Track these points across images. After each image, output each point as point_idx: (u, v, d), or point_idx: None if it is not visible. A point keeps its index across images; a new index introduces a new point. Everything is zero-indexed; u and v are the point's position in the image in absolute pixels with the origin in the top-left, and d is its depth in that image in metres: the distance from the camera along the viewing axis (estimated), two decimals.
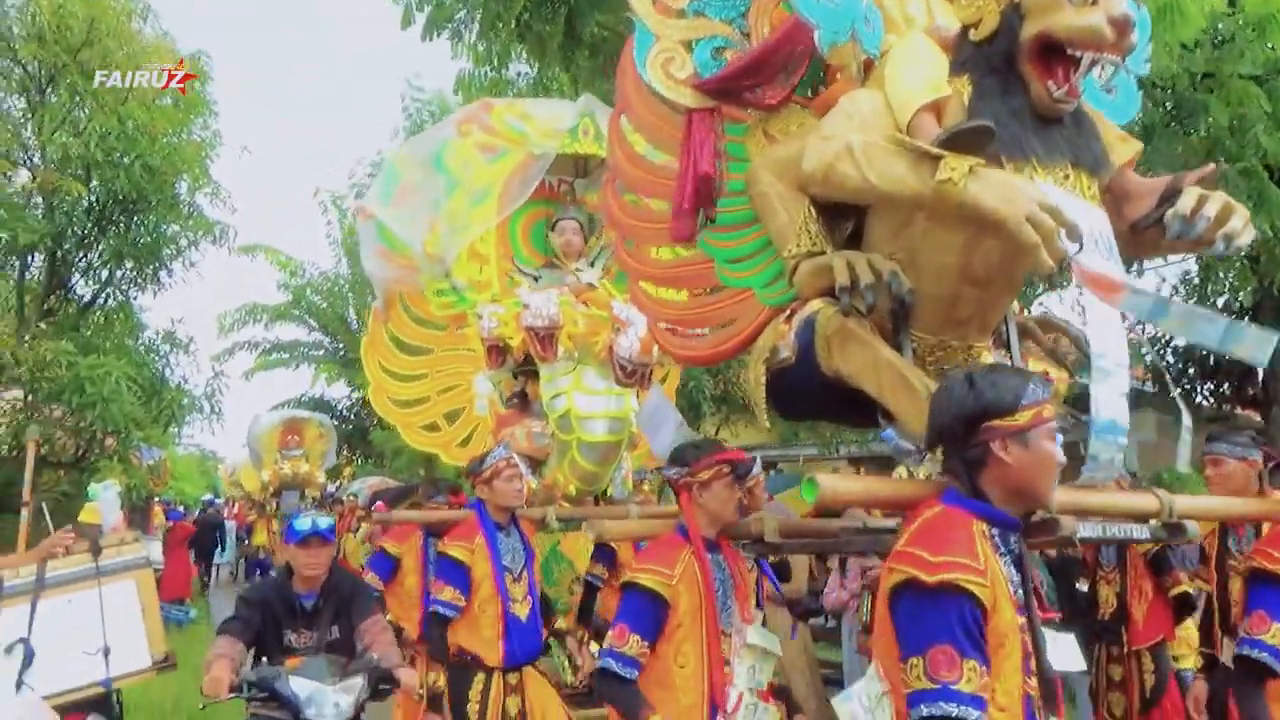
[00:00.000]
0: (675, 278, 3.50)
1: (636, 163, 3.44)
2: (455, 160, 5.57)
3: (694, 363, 3.78)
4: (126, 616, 4.22)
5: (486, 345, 5.64)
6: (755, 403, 3.10)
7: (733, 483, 3.35)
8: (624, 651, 3.15)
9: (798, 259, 2.82)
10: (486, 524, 4.63)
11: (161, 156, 12.83)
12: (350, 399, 22.13)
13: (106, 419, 11.89)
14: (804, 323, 2.82)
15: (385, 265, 6.09)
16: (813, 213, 2.84)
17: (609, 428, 5.40)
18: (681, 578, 3.19)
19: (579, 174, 6.36)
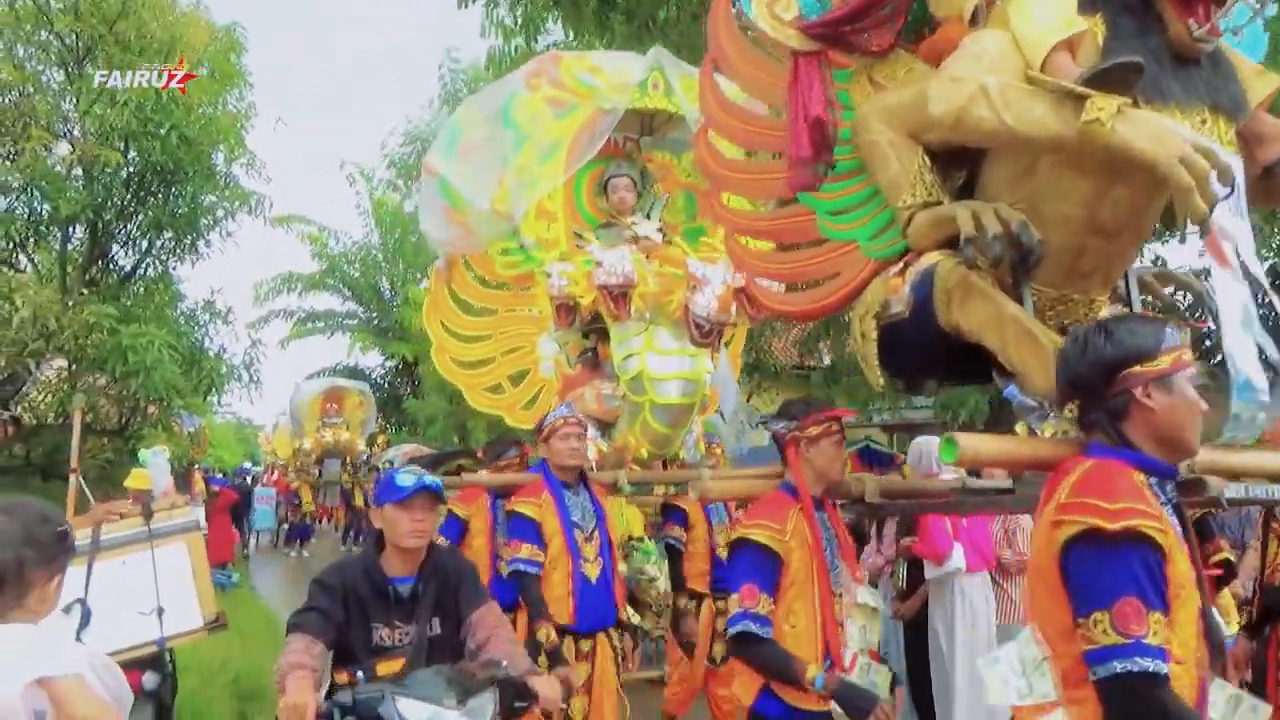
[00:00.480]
0: (773, 231, 3.34)
1: (731, 112, 3.31)
2: (524, 114, 5.34)
3: (793, 318, 3.66)
4: (178, 578, 4.22)
5: (555, 304, 5.43)
6: (864, 358, 2.95)
7: (840, 441, 3.21)
8: (758, 611, 3.01)
9: (913, 209, 2.70)
10: (552, 482, 4.50)
11: (198, 127, 12.77)
12: (384, 368, 22.18)
13: (149, 387, 11.84)
14: (921, 275, 2.66)
15: (448, 223, 5.83)
16: (927, 162, 2.72)
17: (682, 389, 5.19)
18: (793, 534, 3.08)
19: (644, 131, 6.14)
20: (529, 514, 4.44)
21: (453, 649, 3.07)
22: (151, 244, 14.01)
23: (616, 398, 5.37)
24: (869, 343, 2.87)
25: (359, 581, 3.04)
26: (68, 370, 12.88)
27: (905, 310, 2.72)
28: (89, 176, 12.86)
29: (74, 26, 12.38)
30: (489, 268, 6.15)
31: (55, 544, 2.34)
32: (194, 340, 13.77)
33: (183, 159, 12.79)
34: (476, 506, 5.60)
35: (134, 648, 3.96)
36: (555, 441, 4.50)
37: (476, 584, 3.22)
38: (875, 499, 3.22)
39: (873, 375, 2.93)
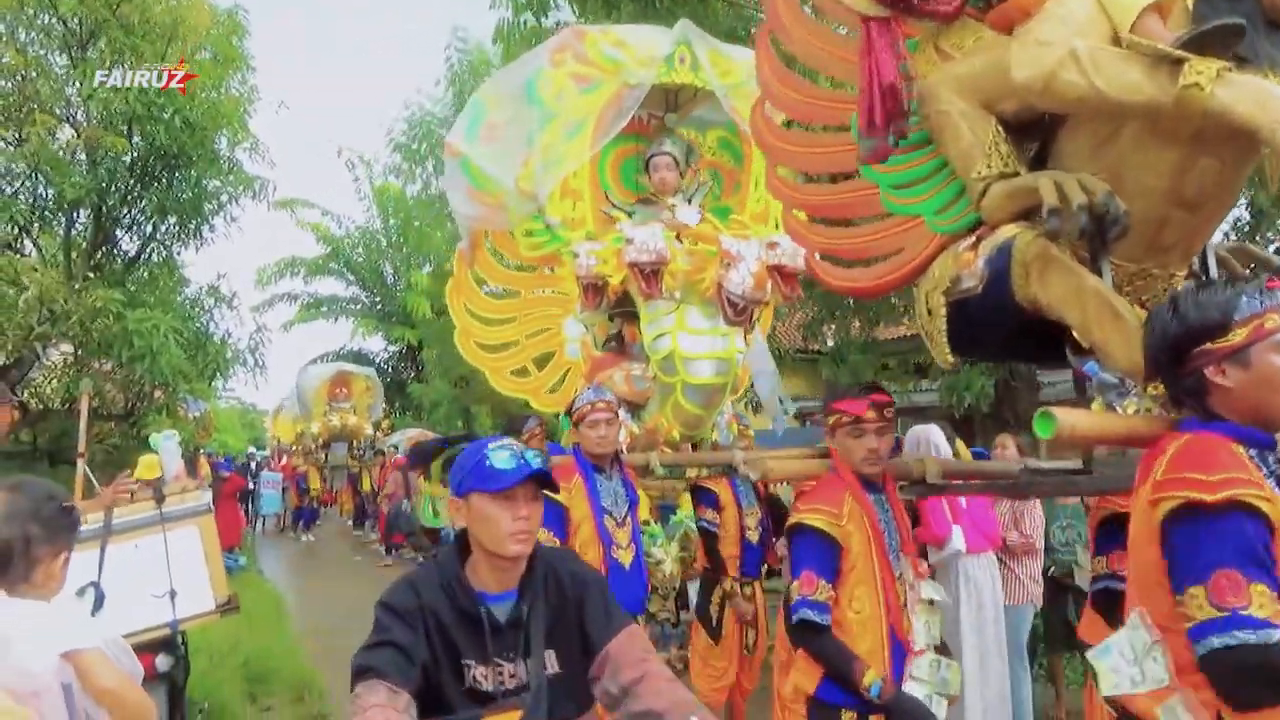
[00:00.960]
0: (833, 205, 3.23)
1: (789, 84, 3.19)
2: (549, 91, 5.17)
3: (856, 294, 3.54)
4: (190, 561, 4.23)
5: (583, 284, 5.24)
6: (930, 336, 2.82)
7: (856, 433, 3.09)
8: (816, 598, 2.95)
9: (988, 181, 2.60)
10: (583, 465, 4.35)
11: (201, 111, 12.51)
12: (387, 352, 22.02)
13: (155, 372, 11.58)
14: (997, 249, 2.56)
15: (472, 204, 5.63)
16: (1001, 132, 2.62)
17: (715, 369, 5.02)
18: (849, 517, 3.01)
19: (669, 108, 5.94)
20: (556, 498, 4.18)
21: (581, 694, 2.18)
22: (156, 229, 13.70)
23: (646, 379, 5.20)
24: (937, 319, 2.76)
25: (440, 603, 2.14)
26: (74, 355, 12.71)
27: (978, 285, 2.61)
28: (93, 161, 12.61)
29: (77, 10, 12.15)
30: (513, 249, 5.97)
31: (61, 519, 2.36)
32: (199, 325, 13.59)
33: (186, 143, 12.52)
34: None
35: (147, 630, 3.94)
36: (583, 429, 4.37)
37: (606, 598, 2.26)
38: (937, 480, 3.14)
39: (940, 353, 2.81)
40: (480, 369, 6.42)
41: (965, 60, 2.78)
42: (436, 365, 18.77)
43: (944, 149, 2.76)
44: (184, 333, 12.31)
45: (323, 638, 9.36)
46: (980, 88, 2.65)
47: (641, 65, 5.17)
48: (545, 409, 6.30)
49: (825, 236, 3.33)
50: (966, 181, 2.69)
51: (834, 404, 3.16)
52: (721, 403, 5.23)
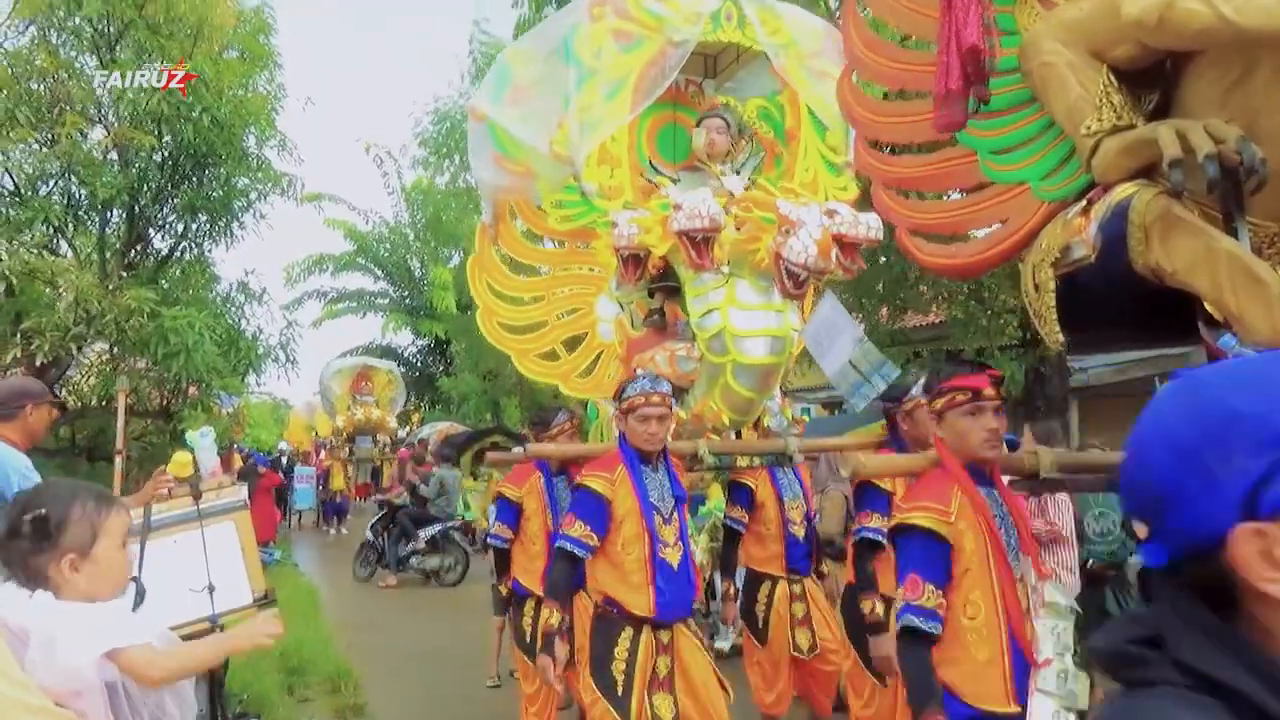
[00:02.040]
0: (927, 177, 2.91)
1: (878, 50, 2.91)
2: (586, 48, 4.64)
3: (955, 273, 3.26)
4: (228, 556, 4.19)
5: (622, 256, 4.68)
6: (1039, 315, 2.50)
7: (972, 411, 2.75)
8: (922, 604, 2.62)
9: (1100, 136, 2.30)
10: (629, 456, 3.87)
11: (229, 109, 12.42)
12: (415, 346, 22.00)
13: (190, 369, 11.56)
14: (1112, 211, 2.23)
15: (498, 172, 5.10)
16: (1114, 81, 2.32)
17: (769, 347, 4.44)
18: (960, 514, 2.67)
19: (708, 74, 5.43)
20: (598, 489, 3.83)
21: None
22: (187, 227, 13.60)
23: (692, 359, 4.65)
24: (1045, 294, 2.45)
25: None
26: (109, 353, 12.74)
27: (1091, 254, 2.31)
28: (124, 161, 12.58)
29: (103, 10, 12.15)
30: (541, 222, 5.45)
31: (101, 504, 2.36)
32: (231, 322, 13.60)
33: (215, 141, 12.44)
34: (529, 486, 5.03)
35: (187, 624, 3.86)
36: (634, 422, 3.86)
37: None
38: (1052, 475, 2.79)
39: (1051, 333, 2.48)
40: (505, 352, 5.97)
41: (1070, 4, 2.48)
42: (465, 358, 18.71)
43: (1049, 105, 2.47)
44: (217, 329, 12.32)
45: (354, 631, 9.36)
46: (1088, 33, 2.37)
47: (686, 21, 4.67)
48: (575, 395, 5.77)
49: (918, 211, 3.02)
50: (1075, 139, 2.40)
51: (945, 383, 2.80)
52: (776, 384, 4.71)
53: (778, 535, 4.83)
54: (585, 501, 3.88)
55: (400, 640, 9.06)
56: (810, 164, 5.14)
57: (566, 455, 4.73)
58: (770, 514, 4.84)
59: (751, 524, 4.84)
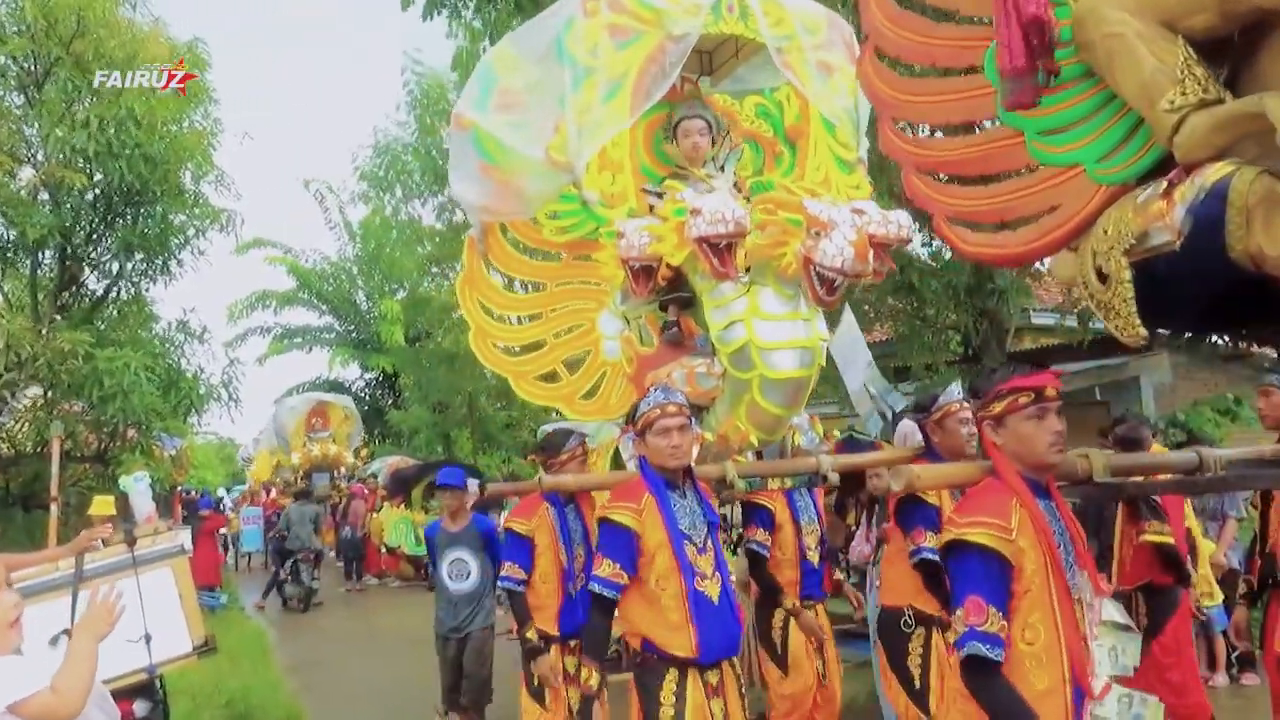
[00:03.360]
0: (968, 160, 2.65)
1: (902, 23, 2.66)
2: (581, 46, 4.21)
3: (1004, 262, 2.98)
4: (165, 604, 4.13)
5: (632, 268, 4.23)
6: (1108, 308, 2.26)
7: (1041, 413, 2.49)
8: (988, 629, 2.33)
9: (1184, 111, 2.10)
10: (654, 482, 3.44)
11: (163, 146, 12.00)
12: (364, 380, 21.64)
13: (128, 411, 11.23)
14: (1206, 193, 2.02)
15: (484, 182, 4.58)
16: (1193, 53, 2.12)
17: (799, 360, 4.00)
18: (1020, 531, 2.40)
19: (704, 70, 5.01)
20: (625, 523, 3.39)
21: None
22: (122, 266, 13.08)
23: (713, 376, 4.21)
24: (1119, 285, 2.21)
25: None
26: (43, 398, 12.29)
27: (1175, 240, 2.08)
28: (54, 200, 12.16)
29: (29, 48, 11.78)
30: (535, 235, 4.98)
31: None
32: (171, 361, 13.16)
33: (149, 178, 12.01)
34: (539, 520, 4.50)
35: (123, 676, 3.84)
36: (653, 438, 3.44)
37: None
38: (1105, 479, 2.61)
39: (1128, 326, 2.23)
40: (499, 375, 5.49)
41: None
42: (414, 391, 18.41)
43: (1116, 80, 2.23)
44: (155, 370, 11.90)
45: (306, 671, 9.07)
46: (1159, 1, 2.16)
47: (686, 14, 4.28)
48: (579, 418, 5.25)
49: (958, 198, 2.74)
50: (1150, 116, 2.16)
51: (1004, 385, 2.53)
52: (804, 400, 4.29)
53: (793, 560, 4.53)
54: (611, 536, 3.46)
55: (352, 679, 8.69)
56: (821, 162, 4.76)
57: (586, 486, 4.29)
58: (787, 538, 4.54)
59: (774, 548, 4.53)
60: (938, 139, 2.80)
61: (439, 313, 16.10)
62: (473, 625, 5.82)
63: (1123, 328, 2.25)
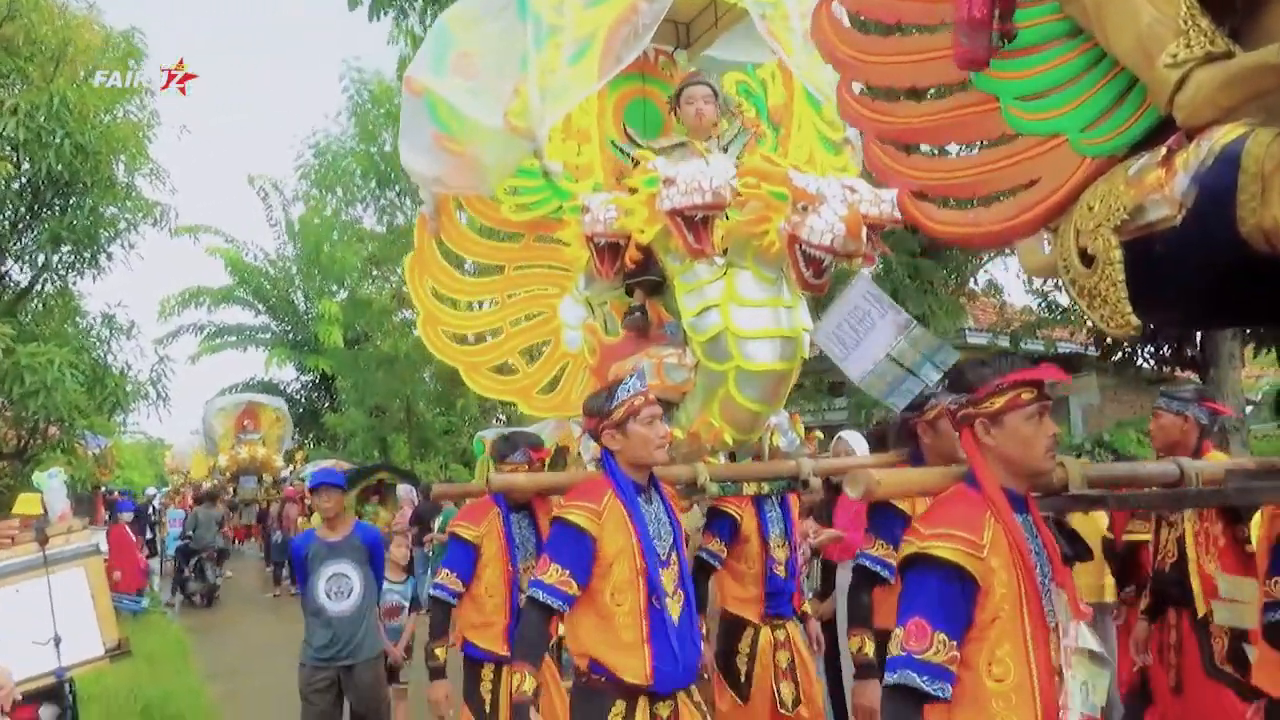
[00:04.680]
0: (936, 128, 2.38)
1: None
2: (546, 2, 3.77)
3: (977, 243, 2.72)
4: (77, 605, 3.91)
5: (598, 246, 3.80)
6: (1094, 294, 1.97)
7: (1038, 414, 2.20)
8: (929, 658, 2.01)
9: (1188, 66, 1.84)
10: (621, 482, 3.01)
11: (95, 136, 11.38)
12: (300, 382, 21.08)
13: (49, 408, 10.54)
14: (1216, 158, 1.75)
15: (437, 154, 4.11)
16: (1196, 3, 1.87)
17: (779, 351, 3.57)
18: (993, 548, 2.08)
19: (679, 43, 4.60)
20: (581, 525, 2.96)
21: None
22: (49, 258, 12.48)
23: (684, 367, 3.75)
24: (1108, 267, 1.94)
25: None
26: None
27: (1176, 215, 1.82)
28: None
29: None
30: (492, 213, 4.50)
31: None
32: (96, 357, 12.71)
33: (80, 169, 11.37)
34: (488, 526, 4.06)
35: (30, 679, 3.65)
36: (636, 427, 3.00)
37: None
38: (1081, 491, 2.36)
39: (1116, 316, 1.94)
40: (451, 365, 4.95)
41: None
42: (351, 394, 17.98)
43: (1105, 35, 1.97)
44: (80, 366, 11.45)
45: (228, 679, 8.78)
46: None
47: None
48: (537, 414, 4.78)
49: (924, 170, 2.44)
50: (1147, 74, 1.91)
51: (1006, 379, 2.22)
52: (785, 395, 3.86)
53: (758, 576, 4.06)
54: (564, 539, 3.01)
55: (275, 686, 8.26)
56: (805, 141, 4.35)
57: (541, 487, 3.82)
58: (753, 550, 4.06)
59: (731, 559, 4.04)
60: (902, 104, 2.43)
61: (379, 315, 15.75)
62: (359, 655, 5.00)
63: (1110, 316, 1.96)
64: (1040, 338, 11.41)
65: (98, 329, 13.02)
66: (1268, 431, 13.65)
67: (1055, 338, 11.47)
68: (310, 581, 5.06)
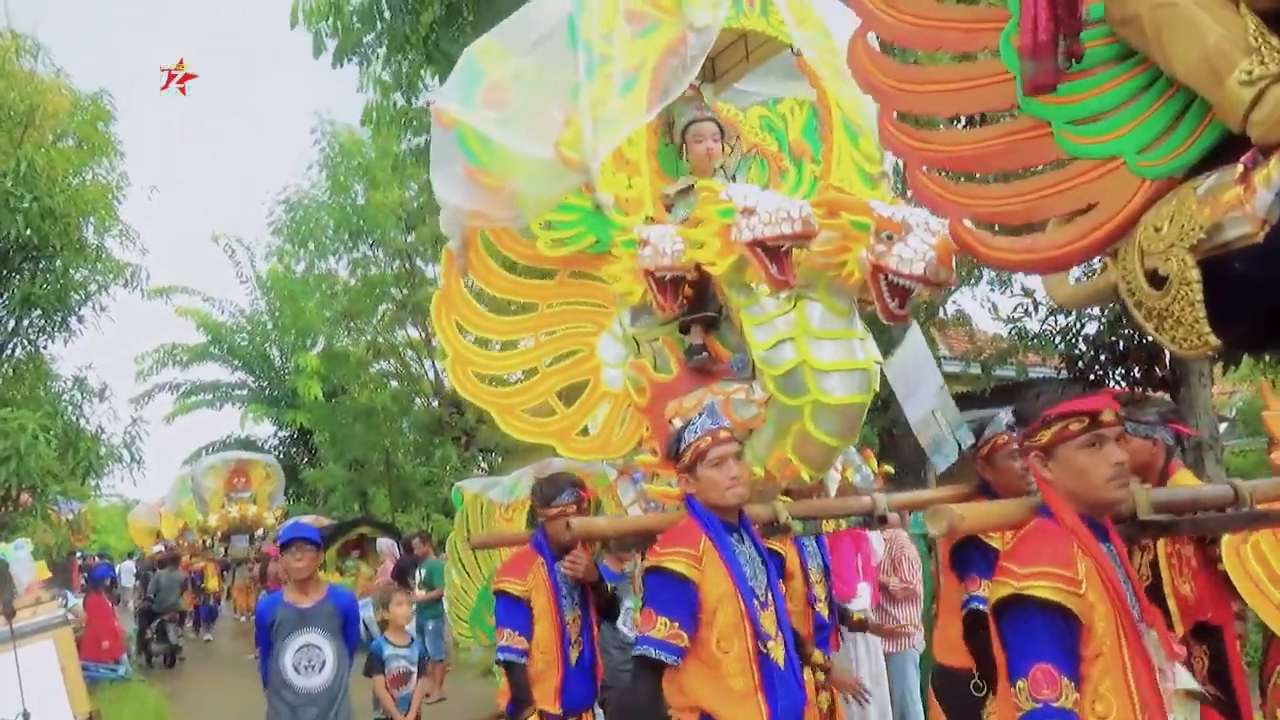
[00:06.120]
0: (985, 155, 2.30)
1: (901, 5, 2.35)
2: (595, 30, 3.64)
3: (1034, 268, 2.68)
4: (46, 678, 3.94)
5: (659, 280, 3.59)
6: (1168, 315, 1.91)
7: (1092, 443, 2.09)
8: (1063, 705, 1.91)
9: (1264, 84, 1.79)
10: (709, 524, 2.84)
11: (64, 199, 11.23)
12: (277, 438, 20.77)
13: (22, 474, 10.24)
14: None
15: (469, 187, 3.90)
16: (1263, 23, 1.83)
17: (857, 384, 3.38)
18: (1088, 581, 1.98)
19: (707, 78, 4.46)
20: (683, 572, 2.79)
21: None
22: (19, 323, 12.15)
23: (753, 403, 3.55)
24: (1184, 288, 1.87)
25: None
26: None
27: (1258, 232, 1.78)
28: None
29: None
30: (527, 250, 4.28)
31: None
32: (69, 421, 12.42)
33: (48, 233, 11.19)
34: (534, 579, 3.78)
35: None
36: (707, 471, 2.85)
37: None
38: (1149, 515, 2.30)
39: (1195, 334, 1.88)
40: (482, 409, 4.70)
41: None
42: (330, 449, 17.69)
43: (1166, 56, 1.93)
44: (53, 430, 11.18)
45: None
46: None
47: (708, 5, 3.73)
48: (574, 456, 4.54)
49: (977, 197, 2.36)
50: (1216, 93, 1.86)
51: (1053, 410, 2.14)
52: (859, 431, 3.68)
53: (803, 614, 3.87)
54: (664, 589, 2.82)
55: None
56: (844, 174, 4.27)
57: (625, 530, 3.60)
58: (797, 588, 3.89)
59: None
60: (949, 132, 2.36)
61: (355, 368, 15.56)
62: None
63: (1185, 337, 1.89)
64: (1012, 364, 11.41)
65: (70, 392, 12.75)
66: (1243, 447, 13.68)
67: (1027, 363, 11.45)
68: (275, 652, 4.44)
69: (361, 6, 8.13)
